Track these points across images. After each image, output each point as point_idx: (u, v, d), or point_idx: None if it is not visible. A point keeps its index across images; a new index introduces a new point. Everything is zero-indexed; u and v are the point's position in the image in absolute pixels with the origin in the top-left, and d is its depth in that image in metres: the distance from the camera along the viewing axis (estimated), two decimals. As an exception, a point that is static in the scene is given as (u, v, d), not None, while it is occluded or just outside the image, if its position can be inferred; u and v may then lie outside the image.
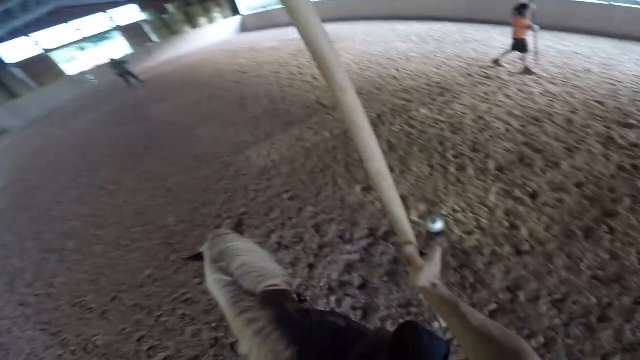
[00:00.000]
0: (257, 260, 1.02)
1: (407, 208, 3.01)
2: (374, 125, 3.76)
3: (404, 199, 3.12)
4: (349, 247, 2.79)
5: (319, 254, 2.81)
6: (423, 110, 4.69)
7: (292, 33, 13.30)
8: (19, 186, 6.40)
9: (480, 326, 0.59)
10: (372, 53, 7.73)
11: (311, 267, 2.70)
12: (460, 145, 3.78)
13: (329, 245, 2.86)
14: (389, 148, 3.97)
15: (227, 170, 4.51)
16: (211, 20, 19.33)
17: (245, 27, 19.14)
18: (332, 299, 2.40)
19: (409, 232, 0.81)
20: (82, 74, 15.86)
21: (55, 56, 16.35)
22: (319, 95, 5.95)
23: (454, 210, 2.91)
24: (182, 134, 6.20)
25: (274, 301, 0.94)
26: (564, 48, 6.31)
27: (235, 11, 19.68)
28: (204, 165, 4.83)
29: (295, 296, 1.11)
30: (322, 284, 2.54)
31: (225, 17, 19.60)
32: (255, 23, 18.56)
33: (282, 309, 0.94)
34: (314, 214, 3.26)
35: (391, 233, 2.81)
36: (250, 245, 1.10)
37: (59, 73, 16.21)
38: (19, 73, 14.78)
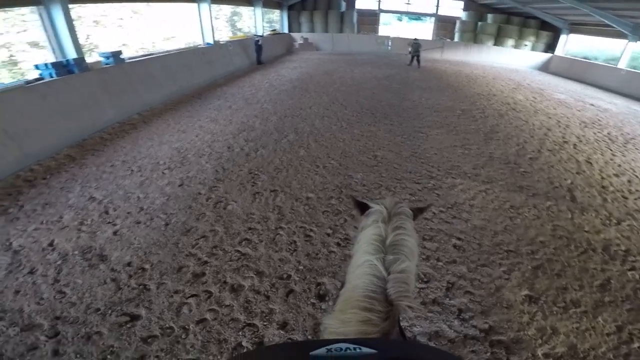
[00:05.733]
0: (413, 272, 0.97)
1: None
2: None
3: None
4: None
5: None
6: None
7: (595, 97, 11.29)
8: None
9: None
10: None
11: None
12: None
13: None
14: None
15: (419, 184, 4.55)
16: (518, 46, 18.41)
17: (547, 68, 17.38)
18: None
19: None
20: (387, 39, 19.18)
21: (382, 17, 20.21)
22: (577, 183, 4.88)
23: None
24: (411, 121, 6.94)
25: (396, 319, 0.88)
26: None
27: (549, 48, 17.89)
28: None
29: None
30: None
31: (533, 49, 18.22)
32: (560, 68, 16.51)
33: (399, 329, 0.90)
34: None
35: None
36: (416, 248, 1.04)
37: (375, 30, 20.18)
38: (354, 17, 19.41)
